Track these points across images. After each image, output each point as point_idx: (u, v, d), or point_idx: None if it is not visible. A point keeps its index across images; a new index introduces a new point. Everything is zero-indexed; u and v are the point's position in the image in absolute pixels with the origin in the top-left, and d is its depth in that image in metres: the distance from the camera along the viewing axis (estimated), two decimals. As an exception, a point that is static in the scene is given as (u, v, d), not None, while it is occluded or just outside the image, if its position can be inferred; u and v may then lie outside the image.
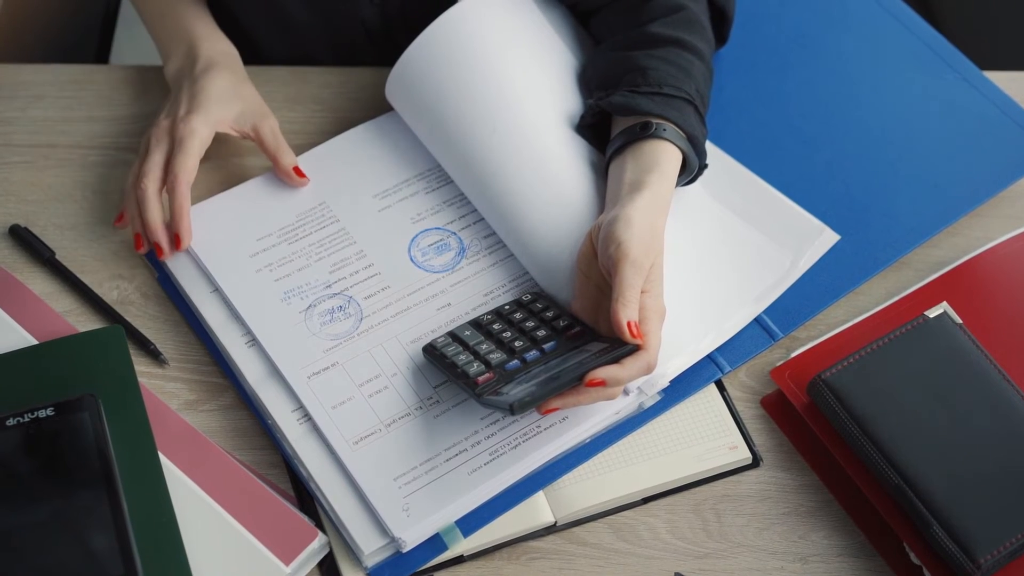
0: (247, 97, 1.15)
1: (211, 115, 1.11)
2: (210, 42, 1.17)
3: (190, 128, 1.09)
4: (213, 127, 1.11)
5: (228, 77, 1.15)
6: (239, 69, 1.17)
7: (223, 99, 1.13)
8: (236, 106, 1.13)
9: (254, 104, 1.15)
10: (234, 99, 1.13)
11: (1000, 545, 0.97)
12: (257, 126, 1.13)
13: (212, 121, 1.11)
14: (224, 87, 1.13)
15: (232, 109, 1.13)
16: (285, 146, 1.14)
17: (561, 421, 1.03)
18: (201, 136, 1.10)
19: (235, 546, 0.97)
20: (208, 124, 1.11)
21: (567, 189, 1.09)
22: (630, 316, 0.98)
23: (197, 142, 1.09)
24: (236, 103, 1.13)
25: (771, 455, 1.06)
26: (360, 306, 1.08)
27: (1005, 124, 1.22)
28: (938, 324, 1.07)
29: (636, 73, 1.10)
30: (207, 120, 1.10)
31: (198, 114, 1.10)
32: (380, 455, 1.01)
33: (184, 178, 1.08)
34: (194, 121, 1.10)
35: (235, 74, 1.16)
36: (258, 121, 1.14)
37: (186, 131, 1.09)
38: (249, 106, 1.14)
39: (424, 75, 1.14)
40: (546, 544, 1.01)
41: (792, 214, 1.15)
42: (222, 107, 1.12)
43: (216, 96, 1.12)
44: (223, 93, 1.13)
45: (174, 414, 1.03)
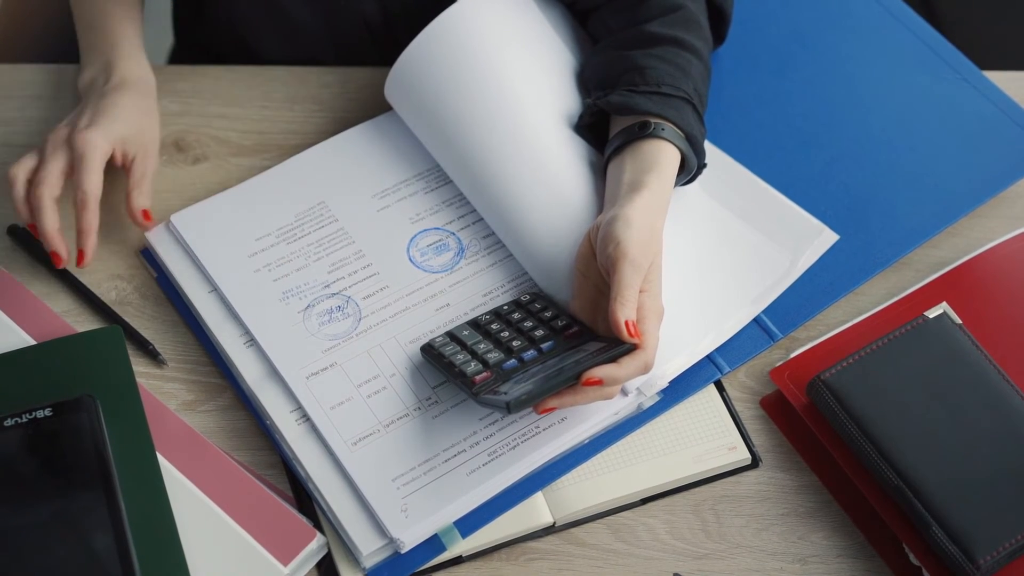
0: (146, 128, 1.13)
1: (111, 132, 1.09)
2: (129, 63, 1.15)
3: (91, 142, 1.07)
4: (111, 144, 1.09)
5: (136, 100, 1.13)
6: (150, 96, 1.15)
7: (126, 119, 1.10)
8: (133, 130, 1.11)
9: (147, 137, 1.13)
10: (134, 123, 1.11)
11: (999, 546, 0.97)
12: (136, 158, 1.11)
13: (112, 138, 1.09)
14: (129, 108, 1.11)
15: (129, 130, 1.11)
16: (146, 188, 1.11)
17: (560, 422, 1.03)
18: (102, 150, 1.08)
19: (233, 546, 0.97)
20: (108, 140, 1.08)
21: (566, 189, 1.09)
22: (628, 315, 0.98)
23: (99, 156, 1.07)
24: (135, 127, 1.11)
25: (770, 456, 1.06)
26: (359, 306, 1.08)
27: (1005, 124, 1.22)
28: (938, 324, 1.07)
29: (634, 72, 1.10)
30: (107, 136, 1.08)
31: (99, 128, 1.08)
32: (379, 456, 1.00)
33: (95, 195, 1.07)
34: (94, 134, 1.07)
35: (144, 100, 1.14)
36: (140, 154, 1.11)
37: (87, 145, 1.07)
38: (142, 136, 1.12)
39: (423, 75, 1.14)
40: (545, 545, 1.01)
41: (791, 214, 1.15)
42: (123, 126, 1.10)
43: (120, 115, 1.10)
44: (127, 114, 1.11)
45: (172, 414, 1.03)
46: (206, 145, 1.20)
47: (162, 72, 1.24)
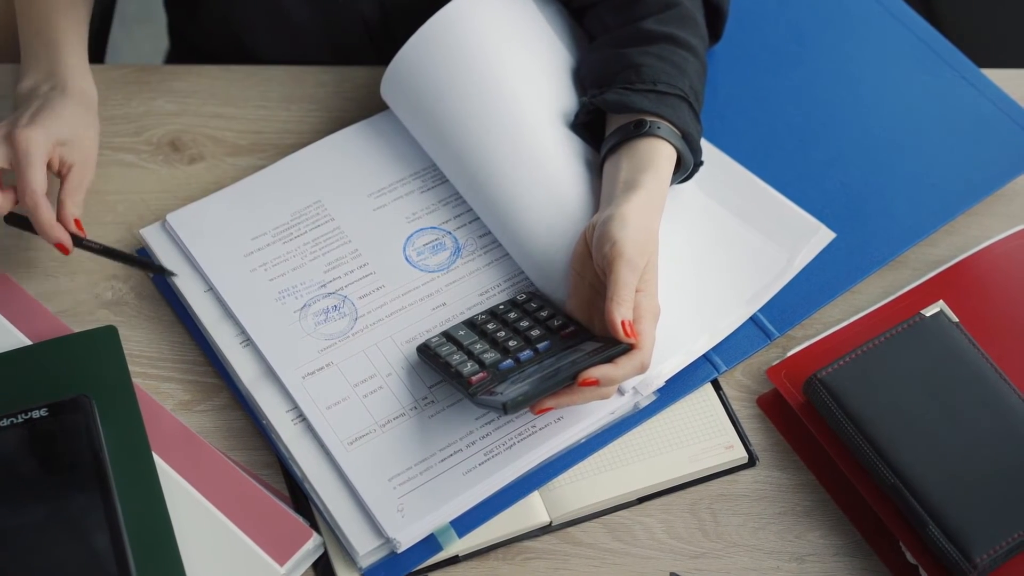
0: (86, 139, 1.08)
1: (52, 132, 1.04)
2: (73, 74, 1.10)
3: (34, 139, 1.03)
4: (52, 143, 1.04)
5: (79, 110, 1.08)
6: (92, 109, 1.10)
7: (68, 124, 1.06)
8: (74, 136, 1.06)
9: (87, 147, 1.08)
10: (76, 130, 1.07)
11: (996, 544, 0.96)
12: (73, 165, 1.06)
13: (52, 138, 1.04)
14: (72, 114, 1.07)
15: (71, 135, 1.06)
16: (81, 199, 1.06)
17: (556, 421, 1.03)
18: (44, 148, 1.03)
19: (229, 546, 0.97)
20: (49, 139, 1.04)
21: (562, 188, 1.09)
22: (624, 315, 0.98)
23: (42, 153, 1.03)
24: (76, 134, 1.06)
25: (767, 454, 1.06)
26: (355, 306, 1.08)
27: (1003, 122, 1.22)
28: (934, 323, 1.07)
29: (630, 70, 1.10)
30: (48, 135, 1.04)
31: (40, 127, 1.04)
32: (375, 455, 1.00)
33: (42, 191, 1.03)
34: (36, 132, 1.03)
35: (87, 111, 1.09)
36: (79, 163, 1.06)
37: (30, 143, 1.02)
38: (82, 144, 1.07)
39: (419, 74, 1.14)
40: (541, 544, 1.01)
41: (788, 212, 1.15)
42: (66, 129, 1.05)
43: (62, 118, 1.06)
44: (69, 119, 1.06)
45: (168, 414, 1.03)
46: (202, 145, 1.20)
47: (158, 72, 1.24)
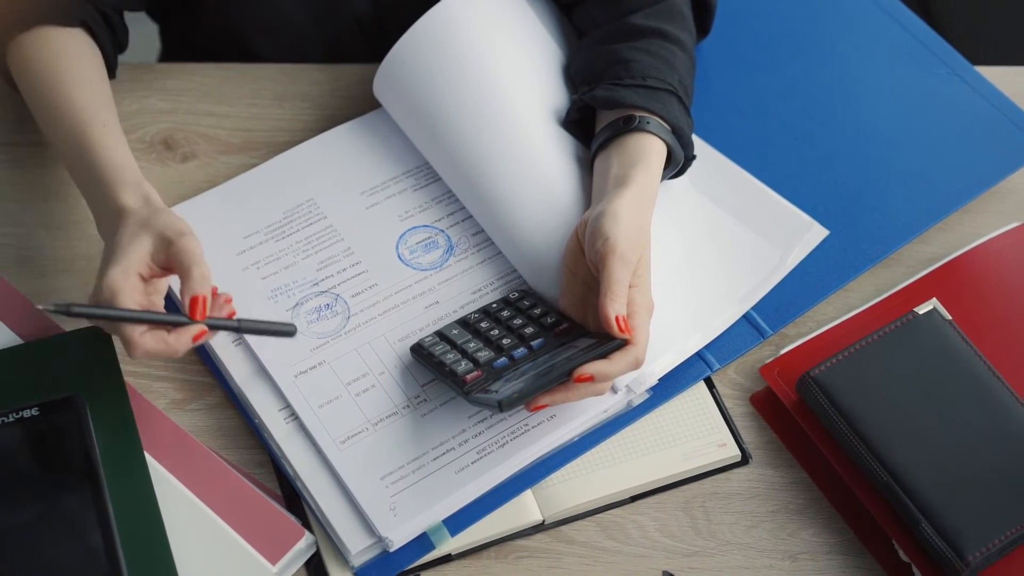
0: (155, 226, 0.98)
1: (122, 264, 0.96)
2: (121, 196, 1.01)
3: (109, 287, 0.95)
4: (134, 273, 0.96)
5: (140, 220, 0.99)
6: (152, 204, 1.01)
7: (133, 241, 0.97)
8: (147, 243, 0.97)
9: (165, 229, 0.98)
10: (143, 236, 0.98)
11: (989, 542, 0.96)
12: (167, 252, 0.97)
13: (129, 269, 0.96)
14: (131, 231, 0.98)
15: (144, 247, 0.97)
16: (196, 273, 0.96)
17: (549, 419, 1.03)
18: (123, 290, 0.95)
19: (221, 545, 0.96)
20: (127, 274, 0.96)
21: (554, 186, 1.09)
22: (618, 311, 0.97)
23: (124, 298, 0.95)
24: (146, 240, 0.97)
25: (760, 452, 1.06)
26: (347, 304, 1.08)
27: (996, 119, 1.22)
28: (927, 321, 1.07)
29: (619, 66, 1.09)
30: (124, 269, 0.96)
31: (112, 268, 0.96)
32: (367, 454, 1.00)
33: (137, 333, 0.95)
34: (108, 280, 0.95)
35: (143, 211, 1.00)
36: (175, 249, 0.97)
37: (108, 294, 0.95)
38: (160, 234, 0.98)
39: (411, 72, 1.14)
40: (534, 543, 1.01)
41: (780, 209, 1.14)
42: (134, 249, 0.97)
43: (125, 242, 0.97)
44: (131, 236, 0.98)
45: (160, 413, 1.03)
46: (194, 143, 1.20)
47: (151, 70, 1.24)
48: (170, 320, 0.95)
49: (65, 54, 1.09)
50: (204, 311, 0.95)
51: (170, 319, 0.95)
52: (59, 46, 1.09)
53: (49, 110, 1.07)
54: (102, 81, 1.10)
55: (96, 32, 1.12)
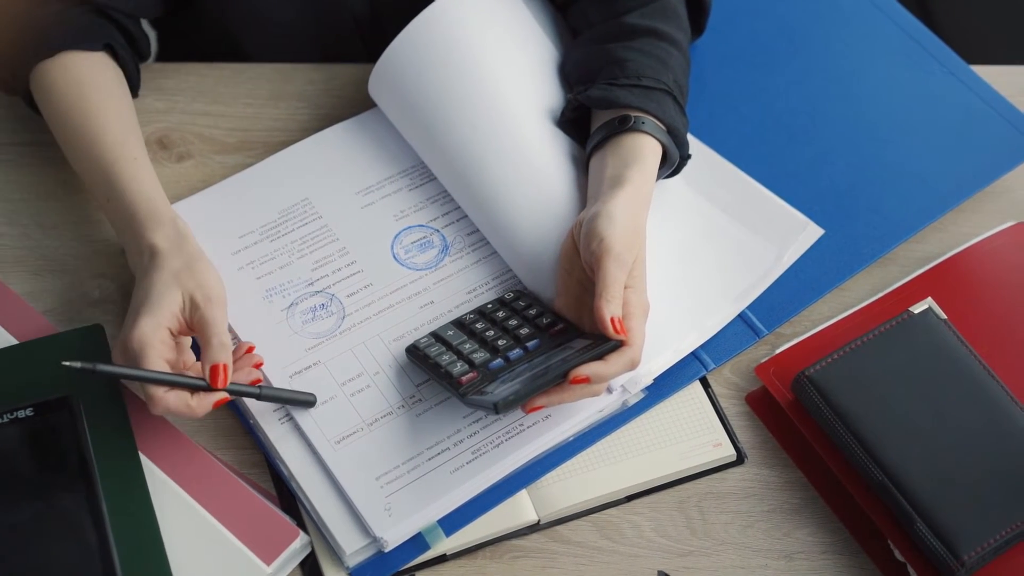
0: (188, 285, 0.99)
1: (154, 317, 0.97)
2: (152, 230, 1.02)
3: (140, 341, 0.95)
4: (164, 328, 0.97)
5: (172, 265, 1.00)
6: (183, 252, 1.01)
7: (165, 294, 0.98)
8: (178, 298, 0.98)
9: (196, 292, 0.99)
10: (175, 291, 0.98)
11: (984, 542, 0.96)
12: (192, 315, 0.98)
13: (160, 324, 0.97)
14: (164, 281, 0.99)
15: (176, 303, 0.98)
16: (217, 342, 0.97)
17: (544, 419, 1.02)
18: (152, 345, 0.96)
19: (216, 546, 0.96)
20: (158, 328, 0.96)
21: (549, 186, 1.09)
22: (613, 312, 0.97)
23: (153, 354, 0.95)
24: (177, 295, 0.98)
25: (756, 452, 1.06)
26: (342, 304, 1.08)
27: (992, 118, 1.22)
28: (923, 320, 1.07)
29: (614, 66, 1.09)
30: (156, 324, 0.96)
31: (143, 319, 0.96)
32: (362, 454, 1.00)
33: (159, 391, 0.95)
34: (139, 332, 0.96)
35: (177, 259, 1.00)
36: (201, 310, 0.98)
37: (137, 346, 0.95)
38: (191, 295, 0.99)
39: (406, 72, 1.13)
40: (529, 543, 1.01)
41: (776, 208, 1.14)
42: (167, 304, 0.98)
43: (157, 294, 0.98)
44: (164, 287, 0.98)
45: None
46: (190, 143, 1.20)
47: (147, 70, 1.24)
48: (192, 385, 0.96)
49: (91, 83, 1.08)
50: (225, 380, 0.96)
51: (192, 384, 0.96)
52: (84, 74, 1.09)
53: (77, 141, 1.07)
54: (129, 112, 1.10)
55: (119, 53, 1.12)
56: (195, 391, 0.96)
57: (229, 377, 0.97)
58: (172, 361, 0.97)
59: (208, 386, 0.96)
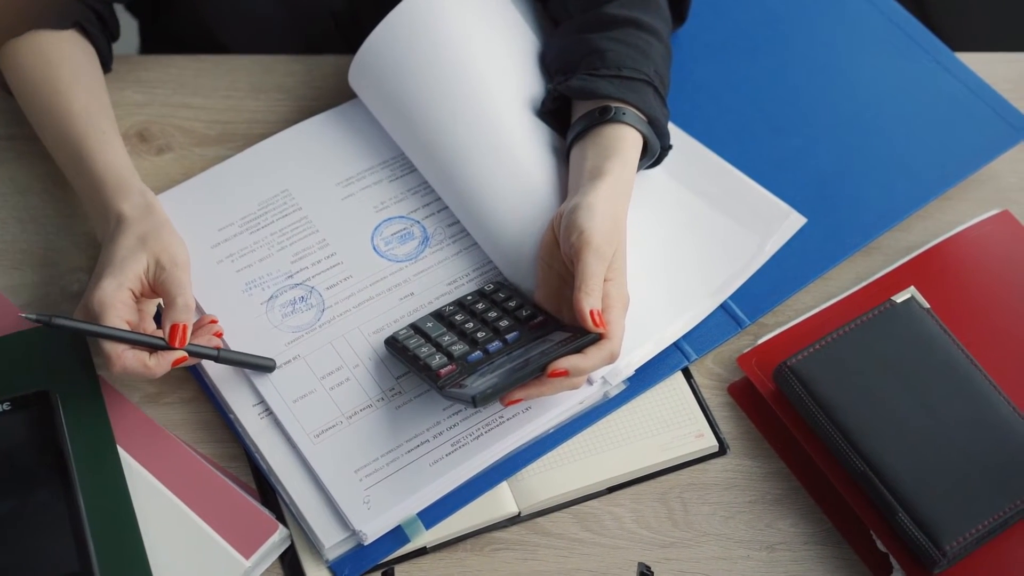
0: (153, 248, 0.99)
1: (116, 278, 0.97)
2: (118, 198, 1.03)
3: (100, 301, 0.96)
4: (126, 289, 0.98)
5: (134, 231, 1.00)
6: (152, 216, 1.02)
7: (129, 257, 0.99)
8: (143, 261, 0.99)
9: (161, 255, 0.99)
10: (140, 254, 0.99)
11: (966, 532, 0.96)
12: (160, 282, 0.99)
13: (122, 285, 0.97)
14: (129, 245, 0.99)
15: (140, 265, 0.99)
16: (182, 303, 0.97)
17: (524, 411, 1.02)
18: (113, 305, 0.96)
19: (195, 540, 0.96)
20: (120, 289, 0.97)
21: (530, 177, 1.08)
22: (593, 305, 0.97)
23: (113, 314, 0.96)
24: (142, 258, 0.99)
25: (738, 443, 1.06)
26: (322, 297, 1.07)
27: (976, 106, 1.21)
28: (905, 309, 1.06)
29: (594, 56, 1.09)
30: (118, 284, 0.97)
31: (105, 280, 0.97)
32: (341, 447, 1.00)
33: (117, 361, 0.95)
34: (100, 292, 0.97)
35: (149, 222, 1.01)
36: (166, 274, 0.99)
37: (97, 306, 0.96)
38: (156, 258, 0.99)
39: (386, 62, 1.13)
40: (510, 535, 1.01)
41: (758, 197, 1.14)
42: (130, 266, 0.98)
43: (121, 256, 0.99)
44: (129, 251, 0.99)
45: (133, 407, 1.02)
46: (170, 135, 1.19)
47: (126, 62, 1.23)
48: (150, 343, 0.96)
49: (61, 61, 1.09)
50: (183, 339, 0.97)
51: (150, 342, 0.96)
52: (54, 52, 1.09)
53: (47, 117, 1.08)
54: (100, 88, 1.10)
55: (90, 31, 1.12)
56: (153, 351, 0.97)
57: (188, 337, 0.97)
58: (133, 324, 0.98)
59: (166, 344, 0.96)
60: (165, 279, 0.98)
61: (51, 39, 1.09)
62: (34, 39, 1.09)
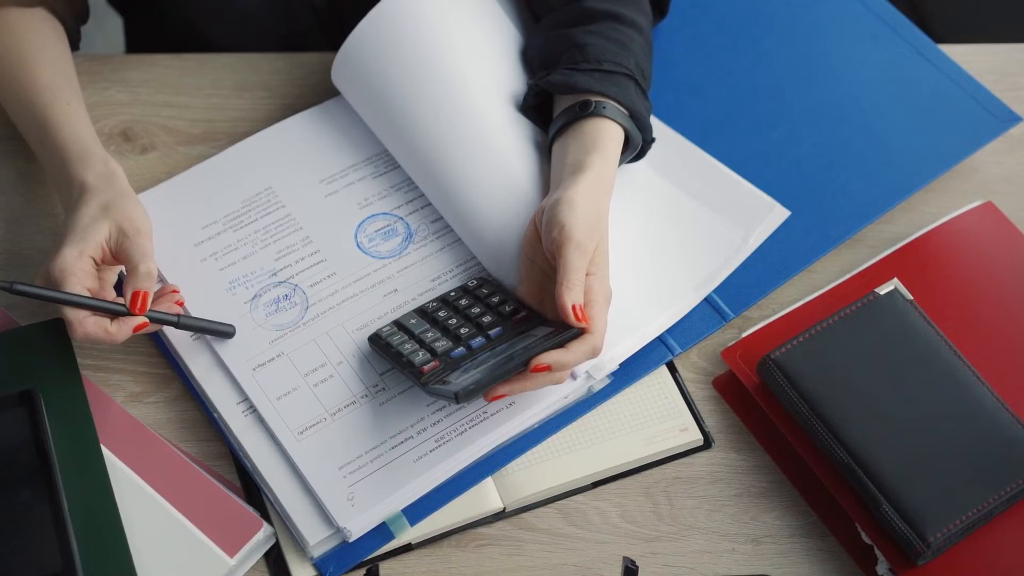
0: (116, 216, 1.00)
1: (77, 245, 0.98)
2: (82, 167, 1.03)
3: (61, 268, 0.97)
4: (87, 257, 0.98)
5: (100, 199, 1.01)
6: (113, 186, 1.02)
7: (92, 225, 0.99)
8: (105, 229, 0.99)
9: (125, 223, 1.00)
10: (103, 222, 1.00)
11: (949, 523, 0.96)
12: (120, 244, 1.00)
13: (84, 252, 0.98)
14: (92, 213, 1.00)
15: (102, 233, 0.99)
16: (144, 269, 0.98)
17: (508, 407, 1.02)
18: (74, 272, 0.97)
19: (179, 538, 0.96)
20: (81, 256, 0.98)
21: (512, 172, 1.08)
22: (575, 299, 0.97)
23: (74, 280, 0.97)
24: (105, 226, 0.99)
25: (723, 436, 1.06)
26: (306, 294, 1.07)
27: (960, 98, 1.21)
28: (888, 301, 1.06)
29: (574, 50, 1.09)
30: (79, 252, 0.98)
31: (67, 248, 0.98)
32: (325, 445, 1.00)
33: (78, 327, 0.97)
34: (61, 259, 0.97)
35: (106, 193, 1.02)
36: (128, 241, 0.99)
37: (58, 273, 0.97)
38: (119, 225, 1.00)
39: (368, 59, 1.13)
40: (495, 530, 1.01)
41: (741, 190, 1.14)
42: (92, 234, 0.99)
43: (84, 224, 0.99)
44: (91, 219, 1.00)
45: (117, 407, 1.02)
46: (154, 134, 1.19)
47: (110, 62, 1.23)
48: (112, 309, 0.97)
49: (28, 36, 1.10)
50: (144, 306, 0.98)
51: (111, 308, 0.98)
52: (22, 28, 1.10)
53: (13, 89, 1.09)
54: (66, 62, 1.11)
55: (57, 10, 1.13)
56: (115, 317, 0.98)
57: (149, 304, 0.98)
58: (93, 291, 0.99)
59: (127, 311, 0.98)
60: (128, 246, 0.99)
61: (18, 15, 1.11)
62: (1, 16, 1.10)
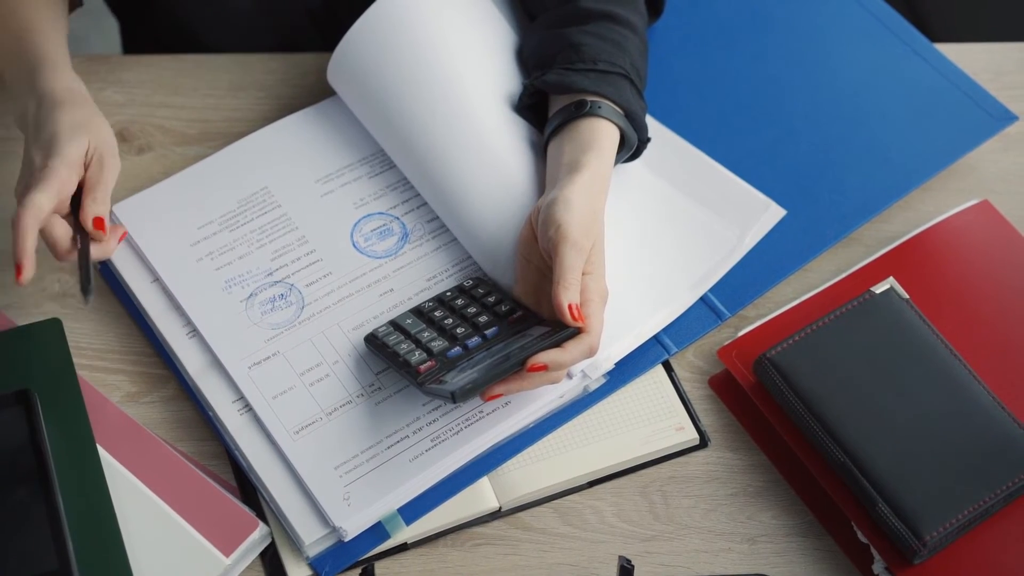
0: (91, 137, 1.02)
1: (67, 155, 1.00)
2: (52, 80, 1.04)
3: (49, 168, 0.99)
4: (75, 168, 1.00)
5: (71, 115, 1.02)
6: (85, 104, 1.04)
7: (74, 138, 1.01)
8: (84, 144, 1.01)
9: (96, 143, 1.02)
10: (82, 136, 1.01)
11: (946, 522, 0.96)
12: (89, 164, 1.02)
13: (71, 162, 1.00)
14: (69, 126, 1.01)
15: (82, 147, 1.01)
16: (100, 195, 1.01)
17: (504, 406, 1.02)
18: (60, 176, 0.99)
19: (175, 538, 0.96)
20: (69, 166, 1.00)
21: (508, 172, 1.08)
22: (571, 299, 0.97)
23: (54, 180, 0.98)
24: (84, 141, 1.01)
25: (719, 436, 1.06)
26: (301, 294, 1.07)
27: (956, 97, 1.21)
28: (884, 300, 1.06)
29: (570, 50, 1.09)
30: (67, 162, 0.99)
31: (54, 159, 0.99)
32: (321, 444, 1.00)
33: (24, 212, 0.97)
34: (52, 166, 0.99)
35: (79, 109, 1.03)
36: (93, 160, 1.02)
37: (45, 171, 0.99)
38: (97, 147, 1.02)
39: (364, 58, 1.13)
40: (491, 530, 1.01)
41: (737, 189, 1.14)
42: (76, 147, 1.00)
43: (66, 137, 1.00)
44: (71, 132, 1.01)
45: (113, 406, 1.02)
46: (150, 135, 1.19)
47: (106, 62, 1.23)
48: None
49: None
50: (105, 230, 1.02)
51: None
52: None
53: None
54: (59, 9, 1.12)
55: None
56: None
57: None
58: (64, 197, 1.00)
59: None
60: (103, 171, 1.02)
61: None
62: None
